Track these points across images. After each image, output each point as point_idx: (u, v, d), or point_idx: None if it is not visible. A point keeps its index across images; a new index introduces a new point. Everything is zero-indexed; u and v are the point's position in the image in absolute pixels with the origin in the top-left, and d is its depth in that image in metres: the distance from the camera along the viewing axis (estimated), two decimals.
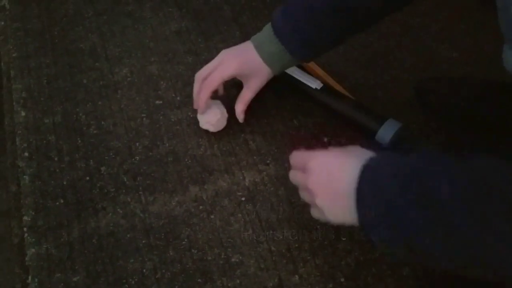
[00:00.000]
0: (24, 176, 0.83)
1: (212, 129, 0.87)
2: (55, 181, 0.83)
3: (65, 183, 0.83)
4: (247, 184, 0.83)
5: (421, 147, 0.88)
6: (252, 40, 0.84)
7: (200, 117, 0.87)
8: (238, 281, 0.74)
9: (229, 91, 0.95)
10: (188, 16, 1.07)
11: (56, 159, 0.85)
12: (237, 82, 0.95)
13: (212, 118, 0.86)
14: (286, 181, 0.84)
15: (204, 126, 0.87)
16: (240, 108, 0.87)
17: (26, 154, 0.86)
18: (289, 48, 0.81)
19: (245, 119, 0.90)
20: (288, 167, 0.85)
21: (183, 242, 0.77)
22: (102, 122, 0.90)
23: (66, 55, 1.00)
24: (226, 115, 0.87)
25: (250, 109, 0.92)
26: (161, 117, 0.91)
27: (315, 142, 0.88)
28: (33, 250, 0.76)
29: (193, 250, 0.77)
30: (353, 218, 0.57)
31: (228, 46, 1.01)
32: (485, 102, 0.87)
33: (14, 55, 1.00)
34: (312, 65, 0.97)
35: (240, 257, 0.76)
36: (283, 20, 0.79)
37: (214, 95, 0.88)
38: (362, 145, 0.64)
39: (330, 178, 0.60)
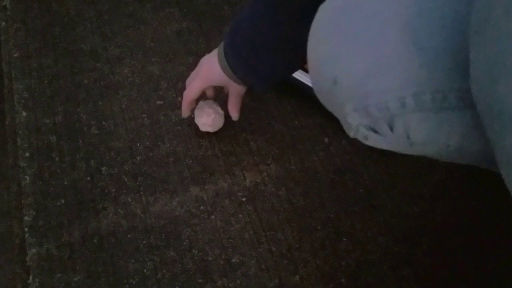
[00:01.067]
0: (25, 176, 0.83)
1: (211, 129, 0.87)
2: (56, 181, 0.83)
3: (66, 183, 0.83)
4: (248, 184, 0.83)
5: None
6: (218, 55, 0.80)
7: (197, 121, 0.87)
8: (238, 282, 0.74)
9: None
10: (189, 16, 1.07)
11: (57, 159, 0.85)
12: None
13: (207, 119, 0.86)
14: (287, 181, 0.84)
15: (203, 129, 0.87)
16: (231, 111, 0.87)
17: (27, 154, 0.86)
18: (245, 82, 0.81)
19: (246, 119, 0.90)
20: (288, 167, 0.85)
21: (184, 243, 0.77)
22: (103, 123, 0.90)
23: (67, 55, 1.00)
24: (221, 112, 0.87)
25: (250, 110, 0.92)
26: (162, 118, 0.91)
27: (315, 142, 0.88)
28: (34, 250, 0.76)
29: (193, 251, 0.77)
30: None
31: None
32: None
33: (15, 55, 1.00)
34: None
35: (241, 258, 0.76)
36: (237, 61, 0.78)
37: (205, 96, 0.88)
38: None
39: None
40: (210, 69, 0.81)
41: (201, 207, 0.81)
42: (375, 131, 0.56)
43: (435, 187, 0.84)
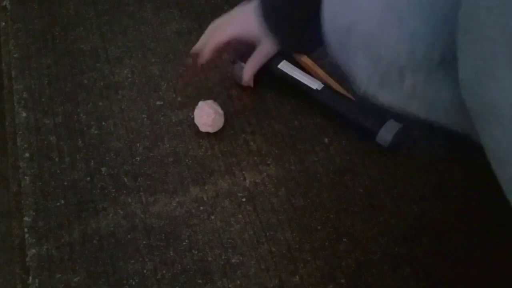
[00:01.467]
0: (25, 177, 0.83)
1: (211, 130, 0.87)
2: (55, 181, 0.83)
3: (65, 183, 0.83)
4: (247, 185, 0.83)
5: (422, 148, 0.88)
6: (255, 8, 0.77)
7: (197, 122, 0.87)
8: (238, 282, 0.74)
9: (228, 90, 0.95)
10: (189, 16, 1.07)
11: (57, 159, 0.85)
12: (237, 82, 0.95)
13: (207, 120, 0.86)
14: (287, 182, 0.84)
15: (203, 129, 0.87)
16: (247, 70, 0.84)
17: (27, 154, 0.86)
18: (279, 42, 0.78)
19: (246, 119, 0.90)
20: (288, 167, 0.85)
21: (184, 243, 0.77)
22: (103, 123, 0.90)
23: (67, 55, 1.00)
24: (221, 112, 0.87)
25: (250, 110, 0.92)
26: (161, 118, 0.91)
27: (315, 142, 0.88)
28: (33, 250, 0.76)
29: (193, 251, 0.77)
30: None
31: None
32: None
33: (15, 55, 1.00)
34: (313, 65, 0.96)
35: (241, 258, 0.76)
36: (273, 17, 0.76)
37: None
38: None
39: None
40: (248, 20, 0.79)
41: (201, 208, 0.81)
42: (383, 86, 0.56)
43: (435, 187, 0.84)
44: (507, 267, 0.76)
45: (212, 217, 0.80)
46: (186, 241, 0.77)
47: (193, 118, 0.88)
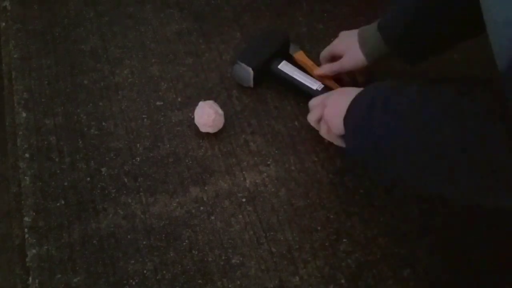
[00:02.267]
0: (25, 177, 0.83)
1: (211, 130, 0.87)
2: (56, 182, 0.83)
3: (66, 184, 0.83)
4: (247, 185, 0.83)
5: None
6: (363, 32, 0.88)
7: (197, 122, 0.87)
8: (238, 282, 0.74)
9: (228, 91, 0.95)
10: (189, 17, 1.08)
11: (57, 160, 0.85)
12: (237, 83, 0.95)
13: (207, 120, 0.86)
14: (287, 182, 0.84)
15: (203, 130, 0.87)
16: (320, 70, 0.93)
17: (27, 155, 0.86)
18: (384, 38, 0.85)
19: (246, 119, 0.90)
20: (288, 168, 0.85)
21: (184, 243, 0.77)
22: (103, 123, 0.90)
23: (67, 56, 1.00)
24: (221, 112, 0.87)
25: (250, 110, 0.92)
26: (161, 118, 0.91)
27: (315, 142, 0.88)
28: (33, 251, 0.76)
29: (193, 251, 0.77)
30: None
31: (229, 47, 1.02)
32: None
33: (15, 56, 1.00)
34: (312, 66, 0.97)
35: (241, 258, 0.76)
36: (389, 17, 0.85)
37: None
38: None
39: (338, 103, 0.76)
40: (345, 36, 0.91)
41: (201, 208, 0.81)
42: None
43: None
44: (507, 267, 0.76)
45: (212, 218, 0.80)
46: (186, 241, 0.77)
47: (193, 119, 0.88)
